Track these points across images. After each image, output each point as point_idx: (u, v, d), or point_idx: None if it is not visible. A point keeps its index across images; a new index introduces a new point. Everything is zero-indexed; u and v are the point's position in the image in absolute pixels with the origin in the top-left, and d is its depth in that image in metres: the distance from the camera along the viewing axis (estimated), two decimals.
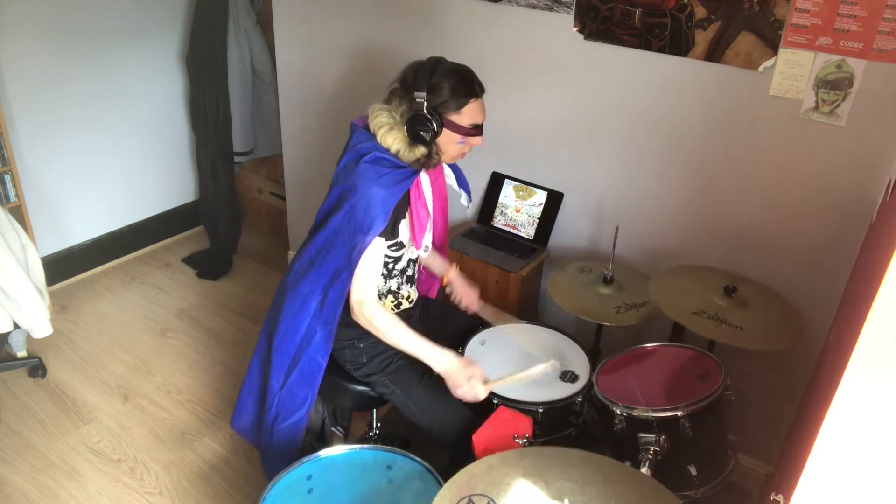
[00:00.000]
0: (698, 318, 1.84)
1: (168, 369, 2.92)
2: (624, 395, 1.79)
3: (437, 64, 1.73)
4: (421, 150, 1.76)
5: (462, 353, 2.03)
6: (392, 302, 1.95)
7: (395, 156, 1.75)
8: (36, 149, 3.18)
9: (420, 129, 1.70)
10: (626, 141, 2.27)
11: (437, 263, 2.17)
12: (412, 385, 1.92)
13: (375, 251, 1.79)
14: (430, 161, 1.78)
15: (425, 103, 1.69)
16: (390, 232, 1.80)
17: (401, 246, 1.88)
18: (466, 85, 1.73)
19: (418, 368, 1.96)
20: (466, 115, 1.74)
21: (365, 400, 2.00)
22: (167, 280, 3.54)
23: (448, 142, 1.77)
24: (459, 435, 1.85)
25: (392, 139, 1.74)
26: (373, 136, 1.76)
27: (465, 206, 2.14)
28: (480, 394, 1.76)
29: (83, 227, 3.49)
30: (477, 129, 1.78)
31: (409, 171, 1.77)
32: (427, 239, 1.91)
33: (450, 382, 1.79)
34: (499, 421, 1.72)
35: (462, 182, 2.07)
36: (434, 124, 1.70)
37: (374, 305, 1.81)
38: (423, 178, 1.88)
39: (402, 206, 1.81)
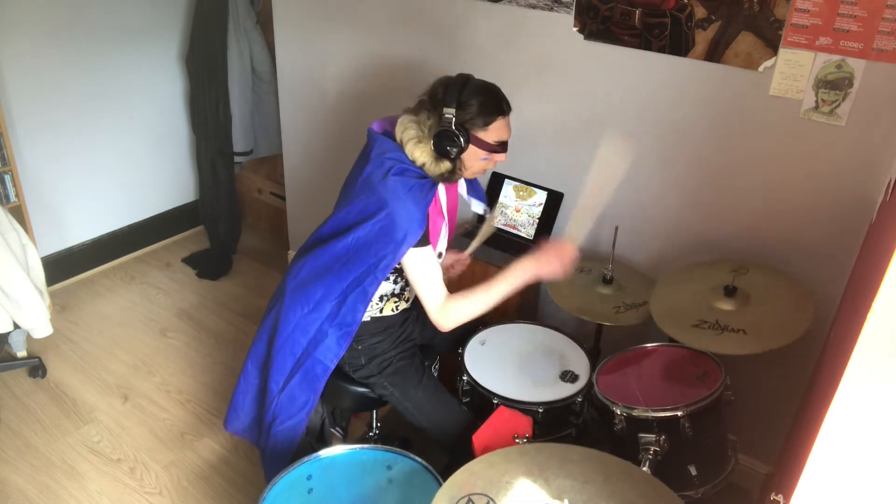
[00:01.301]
0: (699, 331, 1.80)
1: (168, 369, 2.92)
2: (624, 395, 1.79)
3: (466, 81, 1.74)
4: (446, 165, 1.77)
5: (462, 353, 2.04)
6: (393, 303, 1.95)
7: (421, 168, 1.77)
8: (36, 149, 3.18)
9: (447, 144, 1.72)
10: (626, 141, 2.26)
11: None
12: (410, 387, 1.92)
13: (426, 260, 1.79)
14: (453, 176, 1.80)
15: (454, 119, 1.70)
16: (424, 240, 1.80)
17: None
18: (494, 103, 1.75)
19: (417, 370, 1.96)
20: (493, 132, 1.75)
21: (365, 401, 2.00)
22: (167, 280, 3.54)
23: (473, 157, 1.78)
24: (458, 436, 1.85)
25: (420, 152, 1.75)
26: (399, 146, 1.77)
27: (479, 212, 2.14)
28: (571, 257, 1.85)
29: (83, 227, 3.49)
30: (502, 147, 1.79)
31: (432, 181, 1.79)
32: (442, 245, 1.91)
33: (550, 276, 1.85)
34: (499, 421, 1.72)
35: (477, 191, 2.08)
36: (461, 140, 1.71)
37: (448, 309, 1.81)
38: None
39: None
